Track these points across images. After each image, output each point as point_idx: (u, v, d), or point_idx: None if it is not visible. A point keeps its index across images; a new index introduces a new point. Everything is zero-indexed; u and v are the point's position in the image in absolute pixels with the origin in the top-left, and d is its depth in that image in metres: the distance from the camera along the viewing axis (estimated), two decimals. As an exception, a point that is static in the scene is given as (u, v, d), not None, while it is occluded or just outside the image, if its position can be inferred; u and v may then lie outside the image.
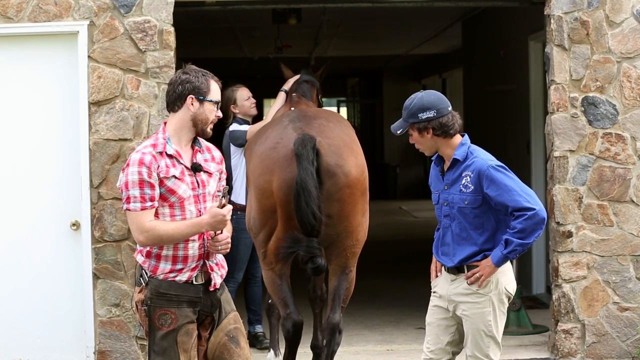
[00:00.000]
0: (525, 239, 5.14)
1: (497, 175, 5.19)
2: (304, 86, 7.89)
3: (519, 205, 5.13)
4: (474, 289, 5.28)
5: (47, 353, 7.57)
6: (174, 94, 4.93)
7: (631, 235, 7.65)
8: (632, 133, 7.65)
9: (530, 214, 5.11)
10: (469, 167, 5.26)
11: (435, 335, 5.45)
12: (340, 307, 6.51)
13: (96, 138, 7.46)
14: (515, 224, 5.14)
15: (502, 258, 5.21)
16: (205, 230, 4.88)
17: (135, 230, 4.83)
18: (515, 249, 5.16)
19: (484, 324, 5.29)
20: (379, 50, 18.91)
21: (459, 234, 5.32)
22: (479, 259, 5.27)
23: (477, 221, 5.26)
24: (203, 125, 4.94)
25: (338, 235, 6.41)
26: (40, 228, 7.57)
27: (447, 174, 5.36)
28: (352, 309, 9.03)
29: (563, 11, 7.61)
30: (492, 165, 5.22)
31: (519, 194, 5.15)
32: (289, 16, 12.32)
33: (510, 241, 5.15)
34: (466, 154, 5.30)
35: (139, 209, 4.80)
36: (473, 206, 5.24)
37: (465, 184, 5.26)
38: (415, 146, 5.39)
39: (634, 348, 7.64)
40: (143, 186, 4.79)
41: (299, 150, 6.17)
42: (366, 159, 6.75)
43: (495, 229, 5.27)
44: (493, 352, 5.33)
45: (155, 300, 4.89)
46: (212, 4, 8.00)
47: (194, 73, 4.93)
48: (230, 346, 5.02)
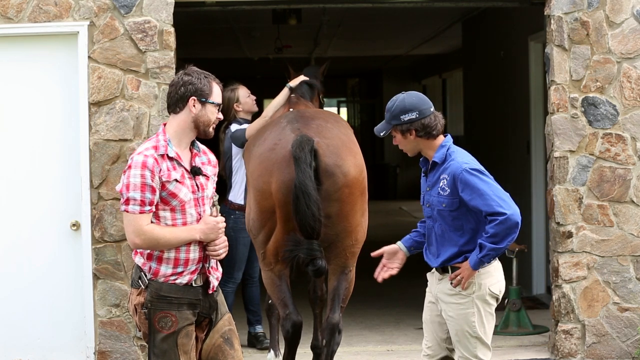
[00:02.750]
0: (498, 244, 5.13)
1: (471, 179, 5.17)
2: (303, 87, 7.88)
3: (491, 210, 5.12)
4: (457, 290, 5.30)
5: (47, 353, 7.57)
6: (176, 96, 4.92)
7: (631, 235, 7.65)
8: (632, 133, 7.65)
9: (502, 218, 5.09)
10: (446, 169, 5.27)
11: (432, 332, 5.49)
12: (339, 307, 6.52)
13: (96, 138, 7.46)
14: (488, 229, 5.14)
15: (477, 262, 5.21)
16: (199, 237, 4.87)
17: (131, 233, 4.81)
18: (488, 253, 5.15)
19: (468, 325, 5.30)
20: (379, 50, 18.91)
21: (441, 235, 5.34)
22: (461, 261, 5.29)
23: (457, 223, 5.27)
24: (205, 126, 4.93)
25: (337, 235, 6.41)
26: (40, 228, 7.57)
27: (429, 176, 5.38)
28: (352, 309, 9.03)
29: (563, 11, 7.61)
30: (466, 168, 5.20)
31: (491, 198, 5.13)
32: (289, 16, 12.32)
33: (483, 245, 5.15)
34: (444, 156, 5.29)
35: (138, 212, 4.78)
36: (450, 209, 5.26)
37: (442, 187, 5.27)
38: (399, 147, 5.41)
39: (634, 348, 7.63)
40: (144, 190, 4.78)
41: (296, 153, 6.17)
42: (366, 159, 6.77)
43: (476, 230, 5.27)
44: (482, 353, 5.33)
45: (155, 303, 4.88)
46: (212, 4, 8.00)
47: (196, 75, 4.92)
48: (225, 348, 5.02)
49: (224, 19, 12.82)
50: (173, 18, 7.50)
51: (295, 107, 7.46)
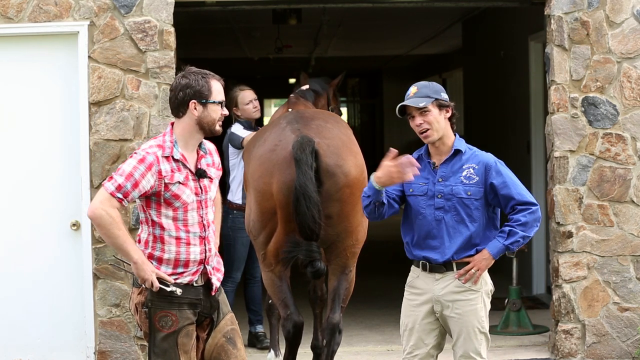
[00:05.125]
0: (527, 232, 5.20)
1: (504, 169, 5.27)
2: (305, 91, 7.88)
3: (524, 199, 5.21)
4: (467, 286, 5.24)
5: (47, 353, 7.57)
6: (176, 101, 4.91)
7: (631, 235, 7.65)
8: (633, 133, 7.65)
9: (534, 208, 5.21)
10: (471, 159, 5.28)
11: (419, 339, 5.34)
12: (340, 307, 6.52)
13: (96, 138, 7.46)
14: (519, 217, 5.18)
15: (502, 249, 5.22)
16: (133, 264, 4.84)
17: (97, 201, 4.78)
18: (517, 240, 5.19)
19: (478, 321, 5.27)
20: (379, 50, 18.91)
21: (454, 226, 5.26)
22: (472, 254, 5.25)
23: (476, 213, 5.25)
24: (210, 126, 4.93)
25: (338, 235, 6.42)
26: (40, 228, 7.57)
27: (443, 166, 5.30)
28: (352, 309, 9.02)
29: (563, 11, 7.61)
30: (498, 160, 5.30)
31: (523, 189, 5.26)
32: (289, 16, 12.32)
33: (514, 232, 5.18)
34: (466, 147, 5.33)
35: (109, 192, 4.78)
36: (476, 197, 5.24)
37: (467, 176, 5.25)
38: (421, 128, 5.25)
39: (634, 348, 7.63)
40: (129, 179, 4.78)
41: (297, 155, 6.17)
42: (366, 159, 6.77)
43: (485, 225, 5.28)
44: (484, 349, 5.32)
45: (156, 302, 4.88)
46: (212, 4, 8.00)
47: (194, 76, 4.89)
48: (228, 347, 5.03)
49: (224, 19, 12.82)
50: (173, 18, 7.49)
51: (294, 107, 7.46)
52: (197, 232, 4.94)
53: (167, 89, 7.43)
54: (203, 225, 4.96)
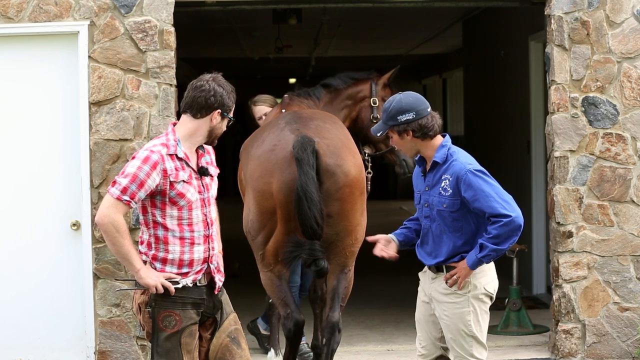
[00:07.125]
0: (500, 245, 5.14)
1: (475, 180, 5.17)
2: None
3: (495, 211, 5.13)
4: (452, 290, 5.30)
5: (47, 353, 7.57)
6: (203, 102, 4.91)
7: (631, 235, 7.65)
8: (633, 133, 7.65)
9: (506, 220, 5.11)
10: (448, 170, 5.26)
11: (426, 331, 5.49)
12: (339, 305, 6.54)
13: (96, 138, 7.46)
14: (491, 229, 5.14)
15: (476, 261, 5.21)
16: (136, 272, 4.86)
17: (103, 208, 4.79)
18: (489, 253, 5.16)
19: (464, 324, 5.30)
20: (379, 50, 18.91)
21: (439, 235, 5.33)
22: (457, 260, 5.28)
23: (456, 224, 5.27)
24: (215, 137, 5.02)
25: (337, 235, 6.43)
26: (40, 228, 7.57)
27: (428, 175, 5.36)
28: (352, 309, 9.02)
29: (563, 11, 7.61)
30: (470, 169, 5.20)
31: (495, 200, 5.14)
32: (289, 16, 12.32)
33: (485, 246, 5.16)
34: (446, 156, 5.28)
35: (115, 196, 4.79)
36: (451, 210, 5.25)
37: (444, 187, 5.26)
38: (395, 148, 5.44)
39: (635, 348, 7.64)
40: (134, 180, 4.79)
41: (299, 155, 6.18)
42: (366, 159, 6.78)
43: (475, 232, 5.27)
44: (477, 351, 5.33)
45: (159, 302, 4.90)
46: (212, 4, 8.00)
47: (226, 88, 4.94)
48: (232, 347, 5.04)
49: (224, 18, 12.82)
50: (173, 18, 7.50)
51: (287, 108, 7.43)
52: (201, 231, 4.96)
53: (168, 88, 7.45)
54: (207, 223, 4.99)
